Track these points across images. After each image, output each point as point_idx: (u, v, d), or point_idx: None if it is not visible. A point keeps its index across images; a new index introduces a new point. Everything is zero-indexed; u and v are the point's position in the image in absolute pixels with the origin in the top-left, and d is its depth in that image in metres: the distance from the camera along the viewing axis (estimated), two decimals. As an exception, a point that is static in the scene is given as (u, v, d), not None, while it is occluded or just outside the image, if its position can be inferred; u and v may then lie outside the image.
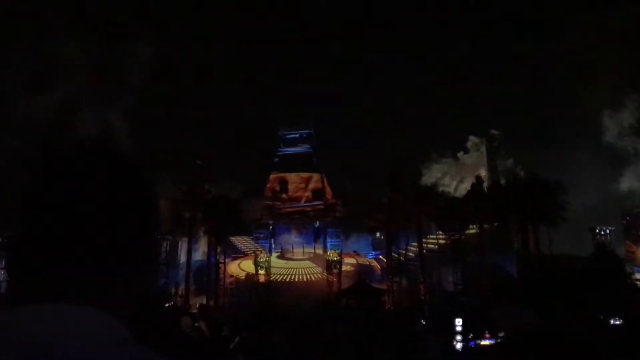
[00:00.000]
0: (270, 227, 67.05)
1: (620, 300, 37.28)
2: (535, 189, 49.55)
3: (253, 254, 64.72)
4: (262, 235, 67.09)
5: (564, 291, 33.46)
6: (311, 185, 69.02)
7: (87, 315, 1.02)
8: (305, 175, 69.44)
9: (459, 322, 14.78)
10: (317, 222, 66.90)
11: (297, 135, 70.91)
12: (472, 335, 14.66)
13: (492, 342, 14.16)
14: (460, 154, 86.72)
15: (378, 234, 66.10)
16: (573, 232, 60.94)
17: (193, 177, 57.04)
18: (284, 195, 69.19)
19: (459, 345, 14.15)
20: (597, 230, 61.67)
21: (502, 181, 64.55)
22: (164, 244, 56.56)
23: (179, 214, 53.71)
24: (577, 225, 60.13)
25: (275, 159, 71.00)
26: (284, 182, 69.84)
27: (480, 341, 14.59)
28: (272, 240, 66.52)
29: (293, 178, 69.66)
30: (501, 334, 13.61)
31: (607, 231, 62.77)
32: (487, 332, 14.56)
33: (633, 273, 55.80)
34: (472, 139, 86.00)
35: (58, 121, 60.93)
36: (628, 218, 72.05)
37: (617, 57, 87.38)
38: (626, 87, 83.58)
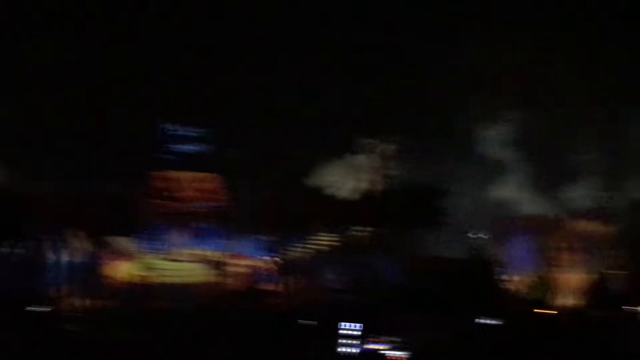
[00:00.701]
0: (157, 227, 64.31)
1: (491, 300, 40.07)
2: (417, 195, 51.82)
3: (137, 255, 62.08)
4: (147, 236, 64.09)
5: (441, 292, 35.29)
6: (204, 186, 66.96)
7: None
8: (199, 175, 67.21)
9: (358, 326, 15.02)
10: (206, 224, 65.11)
11: (190, 133, 68.44)
12: (369, 338, 14.98)
13: (387, 346, 14.57)
14: (353, 156, 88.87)
15: (259, 236, 65.90)
16: (450, 236, 64.52)
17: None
18: (175, 195, 66.52)
19: (355, 350, 14.40)
20: (474, 234, 65.69)
21: (389, 186, 66.89)
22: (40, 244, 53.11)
23: (56, 212, 50.44)
24: (453, 230, 63.68)
25: (165, 156, 68.07)
26: (175, 181, 67.13)
27: (377, 345, 14.95)
28: (159, 241, 63.86)
29: (186, 177, 67.20)
30: (398, 340, 14.05)
31: (483, 235, 67.02)
32: (383, 337, 14.95)
33: (502, 275, 60.25)
34: (366, 141, 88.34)
35: None
36: (499, 225, 77.72)
37: (494, 73, 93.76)
38: (502, 102, 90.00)
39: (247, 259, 68.36)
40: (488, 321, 25.22)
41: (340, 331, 13.97)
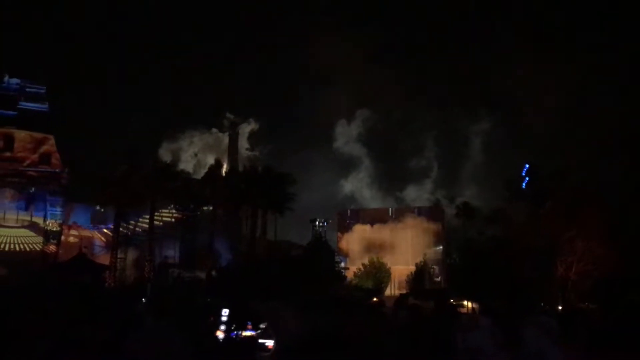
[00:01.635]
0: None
1: (327, 285, 41.91)
2: (268, 179, 52.45)
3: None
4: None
5: (282, 275, 36.20)
6: (41, 148, 61.24)
7: None
8: (37, 135, 61.14)
9: (225, 312, 14.82)
10: (33, 188, 59.87)
11: (24, 88, 62.11)
12: (234, 326, 14.80)
13: (253, 333, 14.53)
14: (214, 131, 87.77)
15: (98, 207, 62.71)
16: (298, 222, 66.48)
17: None
18: (7, 154, 60.03)
19: (221, 336, 14.16)
20: (317, 222, 68.10)
21: (240, 168, 66.98)
22: None
23: None
24: (302, 216, 65.71)
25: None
26: (9, 139, 60.52)
27: (242, 332, 14.83)
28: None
29: (22, 136, 60.85)
30: (262, 325, 14.13)
31: (324, 223, 69.71)
32: (249, 323, 14.87)
33: (340, 262, 63.23)
34: (230, 117, 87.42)
35: None
36: (341, 213, 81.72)
37: (351, 74, 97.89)
38: (357, 101, 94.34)
39: (81, 229, 64.69)
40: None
41: (222, 318, 13.76)
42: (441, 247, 73.16)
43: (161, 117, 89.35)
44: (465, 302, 42.63)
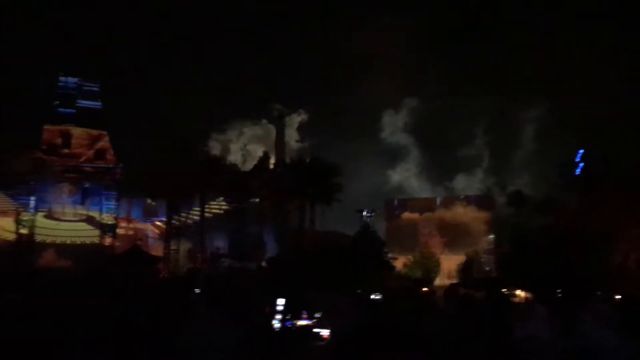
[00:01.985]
0: (35, 183, 60.20)
1: (377, 276, 41.79)
2: (315, 170, 52.63)
3: (15, 212, 58.33)
4: (24, 191, 59.84)
5: (331, 265, 36.30)
6: (97, 144, 63.49)
7: None
8: (93, 132, 63.47)
9: (281, 302, 15.00)
10: (89, 183, 62.06)
11: (79, 86, 64.33)
12: (290, 315, 14.94)
13: (308, 322, 14.63)
14: (263, 122, 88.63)
15: (150, 200, 64.44)
16: (346, 213, 66.45)
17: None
18: (65, 150, 62.45)
19: (277, 325, 14.35)
20: (365, 213, 67.96)
21: (288, 159, 67.22)
22: None
23: None
24: (350, 207, 65.65)
25: (57, 109, 63.59)
26: (66, 136, 62.94)
27: (298, 322, 14.96)
28: (37, 197, 59.97)
29: (79, 133, 63.21)
30: (317, 315, 14.25)
31: (372, 214, 69.53)
32: (304, 313, 14.95)
33: (388, 252, 62.95)
34: (278, 108, 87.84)
35: None
36: (388, 203, 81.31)
37: (398, 62, 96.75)
38: (404, 90, 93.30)
39: (135, 222, 66.55)
40: (376, 297, 26.34)
41: (277, 307, 13.95)
42: (492, 236, 71.87)
43: (210, 109, 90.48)
44: (517, 292, 41.78)
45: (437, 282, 61.97)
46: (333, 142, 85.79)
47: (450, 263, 66.14)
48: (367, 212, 68.41)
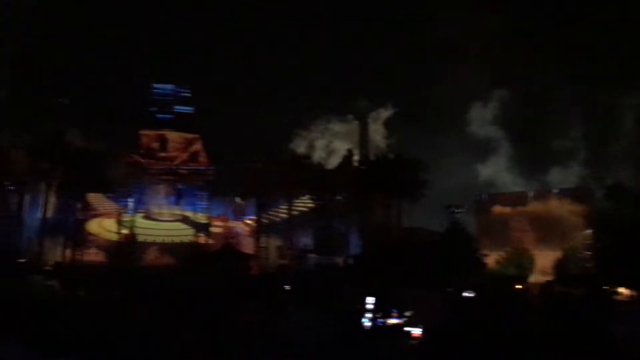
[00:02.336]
0: (136, 185, 63.89)
1: (470, 273, 40.76)
2: (400, 166, 52.18)
3: (116, 213, 62.00)
4: (124, 193, 63.54)
5: (419, 262, 35.83)
6: (191, 148, 66.83)
7: None
8: (187, 136, 67.00)
9: (370, 300, 15.10)
10: (182, 185, 65.14)
11: (174, 93, 67.85)
12: (380, 313, 14.99)
13: (399, 321, 14.62)
14: (349, 117, 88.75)
15: (239, 199, 66.35)
16: (434, 209, 65.18)
17: (53, 125, 52.65)
18: (162, 154, 66.10)
19: (367, 323, 14.44)
20: (453, 209, 66.33)
21: (374, 155, 66.97)
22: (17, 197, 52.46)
23: (33, 164, 49.83)
24: (438, 203, 64.34)
25: (153, 115, 67.42)
26: (163, 140, 66.61)
27: (388, 320, 14.96)
28: (136, 199, 63.52)
29: (174, 137, 66.85)
30: (408, 313, 14.24)
31: (461, 210, 67.76)
32: (394, 311, 14.93)
33: (479, 249, 61.20)
34: (362, 103, 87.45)
35: None
36: (478, 199, 78.87)
37: (485, 52, 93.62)
38: (493, 81, 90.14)
39: (228, 221, 68.80)
40: (469, 294, 25.69)
41: (367, 306, 14.03)
42: (590, 231, 68.08)
43: (295, 105, 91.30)
44: (620, 289, 39.41)
45: (531, 279, 59.60)
46: (420, 137, 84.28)
47: (544, 259, 63.31)
48: (456, 208, 66.80)
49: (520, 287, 42.46)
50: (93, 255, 57.04)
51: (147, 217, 63.88)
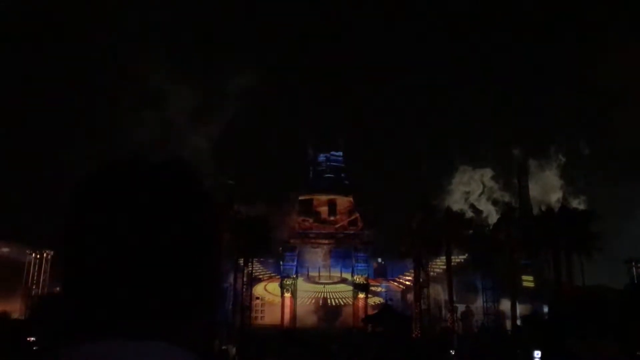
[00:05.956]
0: (297, 249, 66.27)
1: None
2: (567, 218, 48.58)
3: (278, 277, 64.53)
4: (286, 257, 66.07)
5: (600, 323, 32.56)
6: (343, 209, 68.55)
7: (161, 351, 0.92)
8: (338, 198, 68.92)
9: (537, 354, 14.35)
10: (340, 247, 66.23)
11: (329, 156, 70.74)
12: None
13: None
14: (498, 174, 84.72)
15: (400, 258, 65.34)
16: (612, 263, 59.16)
17: (225, 197, 56.69)
18: (315, 217, 68.54)
19: None
20: (633, 263, 59.72)
21: (537, 208, 63.16)
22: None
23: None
24: (617, 257, 58.46)
25: (309, 178, 70.72)
26: (315, 204, 69.19)
27: None
28: (297, 262, 65.75)
29: (325, 200, 69.14)
30: None
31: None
32: None
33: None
34: (517, 152, 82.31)
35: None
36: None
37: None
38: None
39: (382, 281, 68.44)
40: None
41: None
42: None
43: (447, 158, 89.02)
44: None
45: None
46: (593, 184, 76.95)
47: None
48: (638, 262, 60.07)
49: None
50: (259, 319, 59.71)
51: (308, 279, 65.64)
